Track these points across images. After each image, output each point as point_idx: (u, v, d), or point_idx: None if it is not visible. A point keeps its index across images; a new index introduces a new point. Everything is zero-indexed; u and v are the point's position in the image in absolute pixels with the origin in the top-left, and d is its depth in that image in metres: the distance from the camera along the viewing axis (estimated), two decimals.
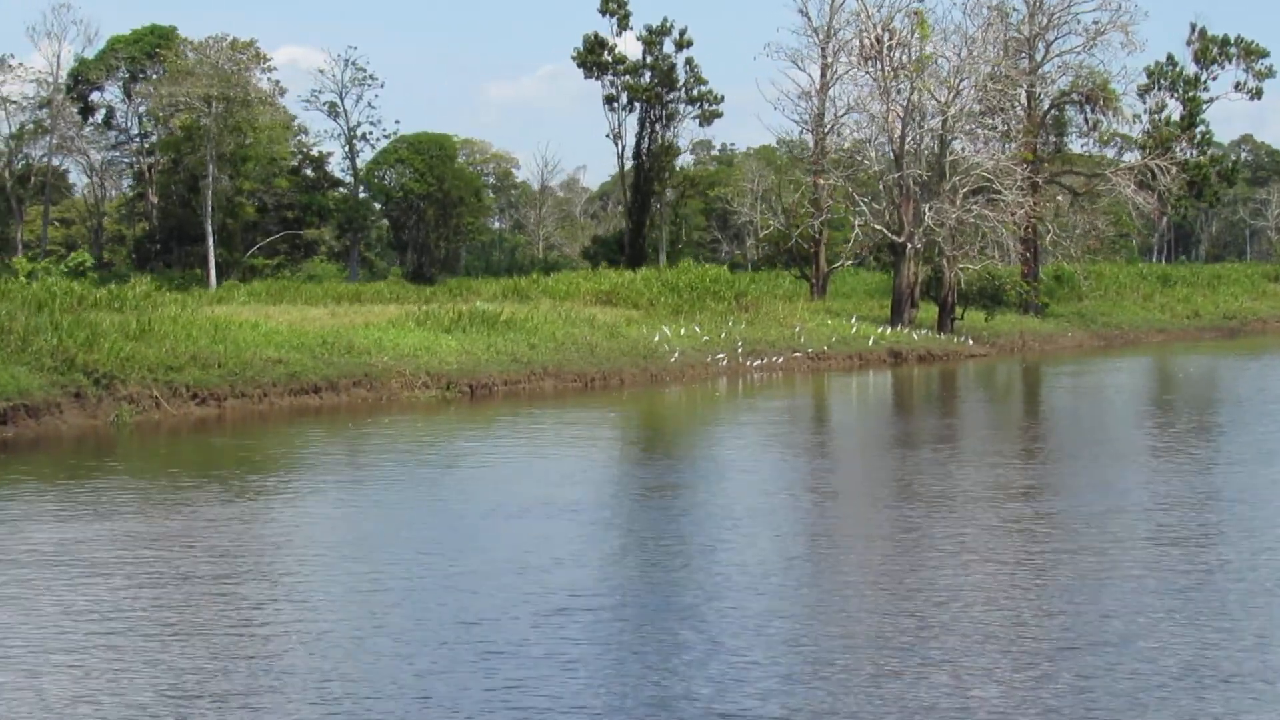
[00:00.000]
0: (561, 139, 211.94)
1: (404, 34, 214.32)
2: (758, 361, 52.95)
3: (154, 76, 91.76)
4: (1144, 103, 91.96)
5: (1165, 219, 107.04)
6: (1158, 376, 54.85)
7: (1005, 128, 67.85)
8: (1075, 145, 76.60)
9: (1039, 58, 71.74)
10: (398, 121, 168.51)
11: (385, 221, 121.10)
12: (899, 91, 63.75)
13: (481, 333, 46.71)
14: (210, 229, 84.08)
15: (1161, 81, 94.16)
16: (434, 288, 70.62)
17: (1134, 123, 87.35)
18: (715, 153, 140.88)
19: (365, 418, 36.62)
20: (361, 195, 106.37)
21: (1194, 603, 15.90)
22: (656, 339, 50.89)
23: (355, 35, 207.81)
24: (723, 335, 53.78)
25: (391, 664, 13.77)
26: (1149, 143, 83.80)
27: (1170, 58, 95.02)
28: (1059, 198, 70.69)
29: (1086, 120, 73.85)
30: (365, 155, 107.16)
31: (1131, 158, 74.94)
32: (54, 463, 28.41)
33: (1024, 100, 71.50)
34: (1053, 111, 74.80)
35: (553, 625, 15.02)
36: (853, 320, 60.25)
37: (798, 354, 54.94)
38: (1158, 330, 77.66)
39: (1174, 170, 71.44)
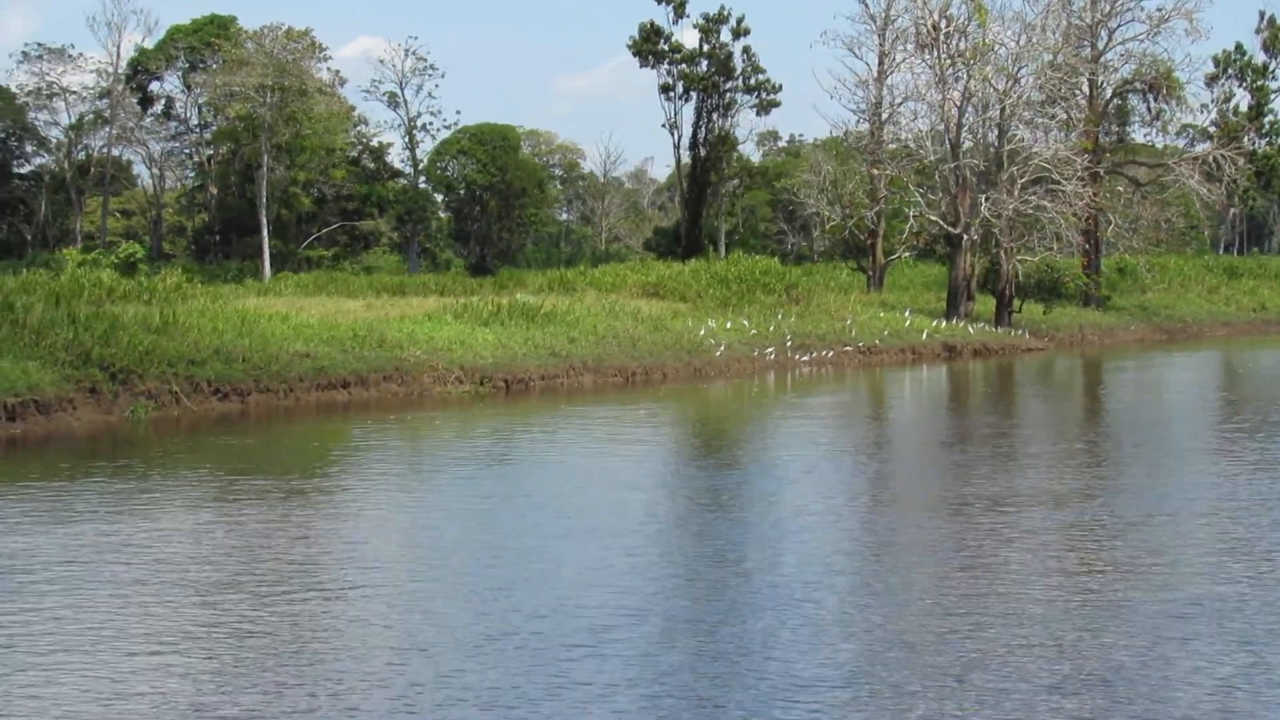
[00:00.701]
0: (630, 130, 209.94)
1: (474, 25, 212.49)
2: (806, 356, 51.29)
3: (214, 66, 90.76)
4: (1211, 92, 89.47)
5: (1233, 210, 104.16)
6: (1219, 372, 52.75)
7: (1067, 116, 65.79)
8: (1138, 135, 74.22)
9: (1101, 45, 69.55)
10: (458, 112, 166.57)
11: (447, 213, 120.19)
12: (956, 80, 61.91)
13: (520, 326, 45.25)
14: (265, 220, 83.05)
15: (1229, 70, 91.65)
16: (480, 280, 69.19)
17: (1201, 112, 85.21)
18: (784, 143, 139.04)
19: (390, 414, 35.24)
20: (422, 186, 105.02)
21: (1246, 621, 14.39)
22: (702, 333, 49.32)
23: (425, 26, 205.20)
24: (771, 329, 52.15)
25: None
26: (1216, 133, 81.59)
27: (1239, 46, 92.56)
28: (1119, 188, 68.47)
29: (1149, 109, 71.67)
30: (425, 146, 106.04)
31: (1201, 148, 72.24)
32: (52, 461, 27.03)
33: (1086, 89, 69.42)
34: (1115, 100, 72.59)
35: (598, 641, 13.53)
36: (906, 313, 58.44)
37: (848, 348, 53.24)
38: (1222, 324, 75.40)
39: (1241, 161, 69.17)
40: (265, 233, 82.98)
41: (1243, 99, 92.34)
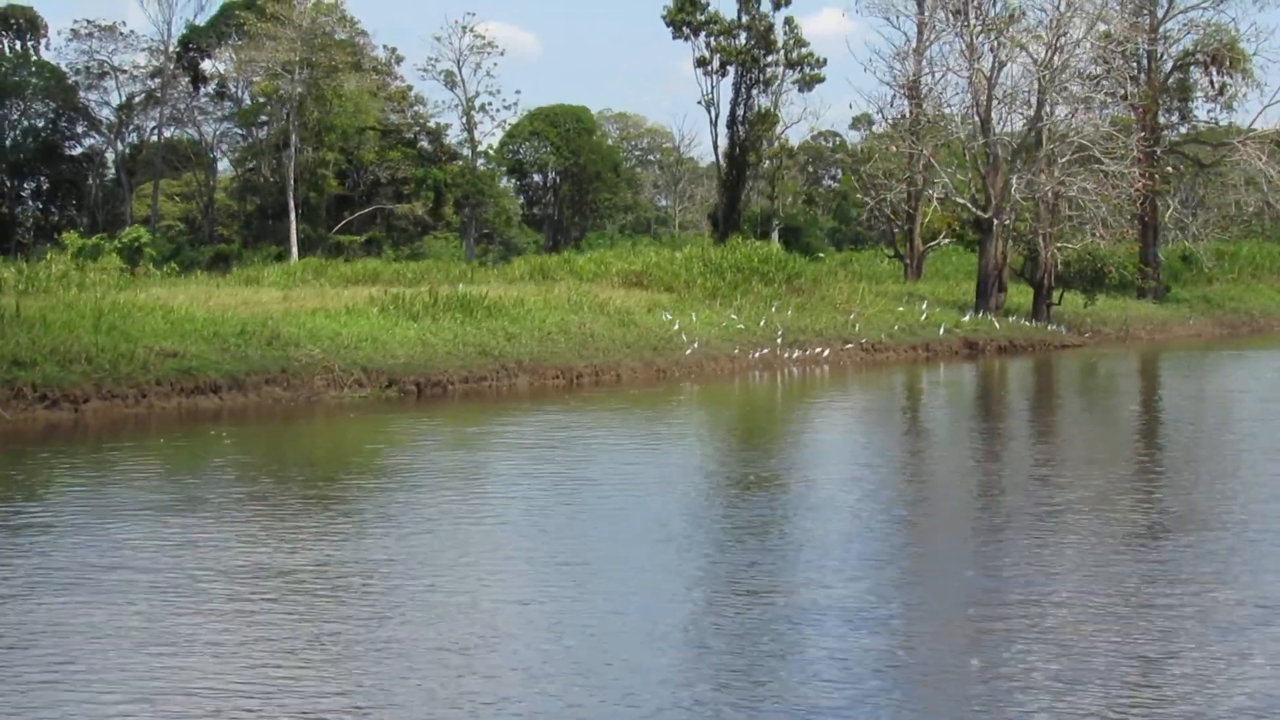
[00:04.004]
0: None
1: (601, 7, 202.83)
2: (797, 354, 44.48)
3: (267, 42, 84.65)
4: None
5: None
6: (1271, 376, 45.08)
7: (1122, 91, 58.19)
8: (1201, 112, 66.02)
9: (1161, 14, 61.88)
10: (518, 91, 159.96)
11: (519, 197, 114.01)
12: (991, 49, 54.62)
13: (454, 320, 38.94)
14: (292, 203, 77.33)
15: None
16: (469, 265, 62.83)
17: None
18: (881, 128, 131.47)
19: (230, 425, 29.13)
20: (482, 168, 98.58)
21: None
22: (676, 327, 42.74)
23: (552, 8, 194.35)
24: (762, 323, 45.45)
25: None
26: None
27: None
28: (1169, 169, 60.49)
29: (1212, 84, 63.57)
30: (484, 127, 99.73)
31: (1266, 126, 63.77)
32: None
33: (1144, 62, 61.86)
34: (1176, 74, 64.63)
35: None
36: (923, 306, 51.30)
37: (849, 345, 46.39)
38: None
39: None
40: (293, 216, 77.28)
41: None
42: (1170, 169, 59.86)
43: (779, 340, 44.60)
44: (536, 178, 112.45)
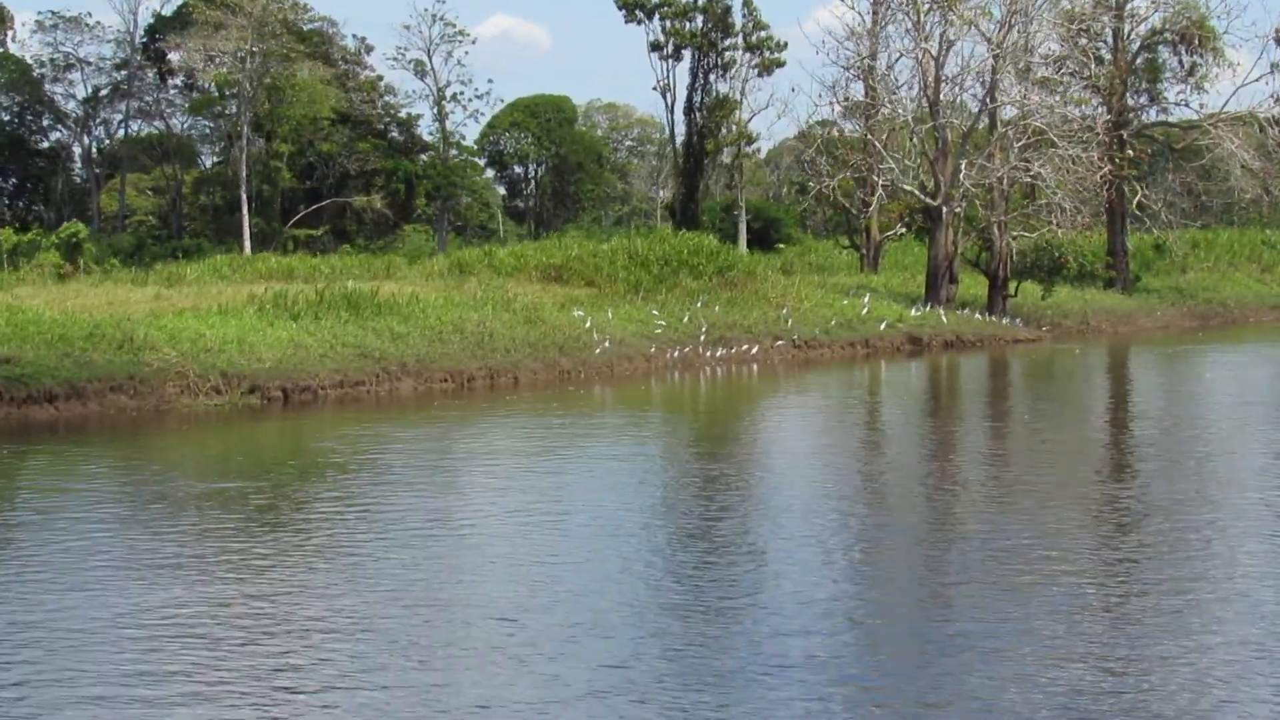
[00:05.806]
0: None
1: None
2: (721, 352, 41.25)
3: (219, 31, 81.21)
4: None
5: None
6: (1236, 377, 41.42)
7: (1086, 71, 54.79)
8: (1171, 93, 62.00)
9: None
10: (490, 80, 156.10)
11: (500, 187, 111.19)
12: (947, 26, 51.20)
13: (338, 320, 35.81)
14: (245, 197, 74.26)
15: None
16: (391, 256, 59.61)
17: (1272, 73, 72.99)
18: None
19: (64, 438, 26.12)
20: (455, 159, 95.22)
21: None
22: (588, 324, 39.55)
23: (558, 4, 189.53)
24: (686, 319, 42.21)
25: None
26: None
27: None
28: (1130, 153, 56.71)
29: (1181, 64, 59.83)
30: (456, 117, 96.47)
31: (1240, 108, 59.55)
32: None
33: (1111, 41, 58.44)
34: (1144, 54, 60.81)
35: None
36: (865, 300, 47.96)
37: (780, 342, 43.16)
38: (1270, 308, 63.36)
39: None
40: (245, 210, 74.17)
41: None
42: (1131, 153, 56.12)
43: (701, 338, 41.45)
44: (518, 169, 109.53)
